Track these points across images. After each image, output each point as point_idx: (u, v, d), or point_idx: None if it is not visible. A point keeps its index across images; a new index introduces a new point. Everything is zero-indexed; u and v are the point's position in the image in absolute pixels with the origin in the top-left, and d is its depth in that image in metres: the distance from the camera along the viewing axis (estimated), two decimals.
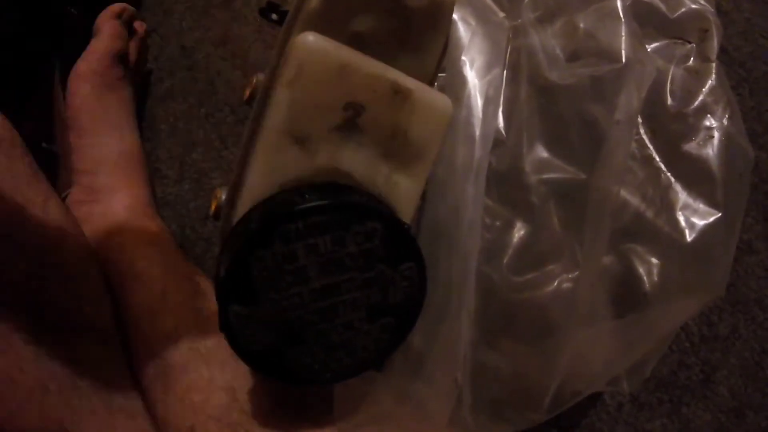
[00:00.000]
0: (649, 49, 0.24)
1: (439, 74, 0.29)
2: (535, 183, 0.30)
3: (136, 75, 0.43)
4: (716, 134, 0.23)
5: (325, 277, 0.21)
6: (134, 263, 0.38)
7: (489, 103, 0.27)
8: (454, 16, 0.26)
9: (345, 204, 0.21)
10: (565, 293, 0.29)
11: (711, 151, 0.23)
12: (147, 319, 0.36)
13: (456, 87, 0.28)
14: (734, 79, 0.45)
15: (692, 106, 0.24)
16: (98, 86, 0.41)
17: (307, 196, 0.21)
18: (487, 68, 0.27)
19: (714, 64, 0.24)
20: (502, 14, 0.27)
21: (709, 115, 0.24)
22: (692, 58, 0.25)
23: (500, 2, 0.28)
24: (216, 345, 0.33)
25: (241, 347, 0.22)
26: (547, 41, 0.25)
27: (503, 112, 0.28)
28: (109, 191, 0.41)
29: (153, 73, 0.46)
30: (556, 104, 0.27)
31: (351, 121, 0.21)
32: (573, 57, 0.25)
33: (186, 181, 0.43)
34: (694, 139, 0.23)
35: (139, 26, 0.44)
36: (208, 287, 0.38)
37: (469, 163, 0.25)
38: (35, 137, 0.40)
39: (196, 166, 0.43)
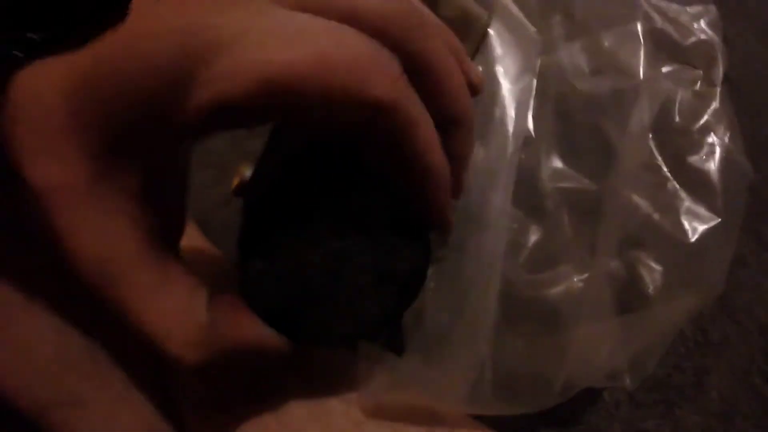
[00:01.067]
0: (664, 73, 0.28)
1: None
2: (550, 190, 0.33)
3: None
4: (718, 150, 0.27)
5: (337, 239, 0.23)
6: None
7: (520, 106, 0.31)
8: (490, 30, 0.29)
9: (359, 173, 0.23)
10: (575, 292, 0.32)
11: (713, 164, 0.27)
12: None
13: (492, 89, 0.31)
14: (736, 104, 0.50)
15: (697, 125, 0.28)
16: None
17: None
18: (519, 75, 0.31)
19: (718, 89, 0.28)
20: (533, 29, 0.31)
21: (712, 133, 0.28)
22: (699, 83, 0.29)
23: (533, 19, 0.32)
24: None
25: (258, 304, 0.23)
26: (574, 56, 0.29)
27: (533, 116, 0.32)
28: None
29: None
30: (574, 115, 0.31)
31: None
32: (596, 72, 0.29)
33: (209, 169, 0.46)
34: (698, 154, 0.27)
35: None
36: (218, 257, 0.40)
37: (504, 155, 0.28)
38: None
39: (218, 154, 0.46)
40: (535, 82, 0.31)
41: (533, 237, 0.34)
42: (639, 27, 0.27)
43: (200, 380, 0.34)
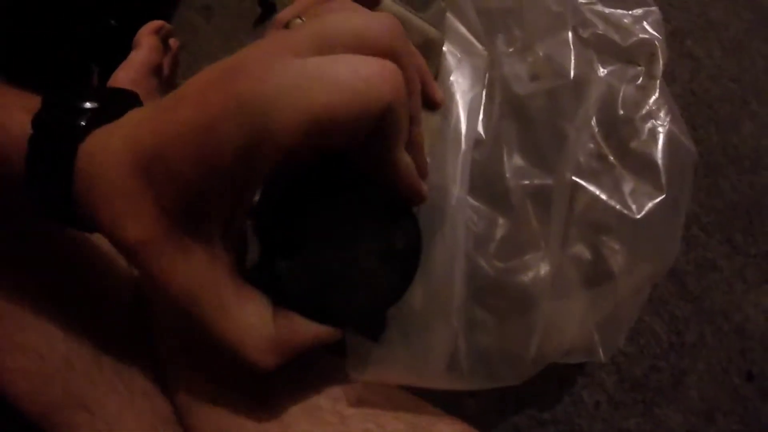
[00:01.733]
0: (605, 72, 0.32)
1: None
2: (513, 187, 0.36)
3: (168, 87, 0.50)
4: (660, 134, 0.30)
5: (343, 232, 0.27)
6: None
7: (471, 113, 0.34)
8: (444, 48, 0.33)
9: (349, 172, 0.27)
10: (543, 277, 0.35)
11: (655, 147, 0.30)
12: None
13: (447, 100, 0.35)
14: (702, 118, 0.53)
15: (639, 114, 0.31)
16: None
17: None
18: (470, 88, 0.35)
19: (659, 81, 0.32)
20: (481, 47, 0.35)
21: (653, 120, 0.31)
22: (641, 78, 0.32)
23: (480, 38, 0.36)
24: None
25: (290, 297, 0.28)
26: (515, 66, 0.33)
27: (482, 120, 0.35)
28: None
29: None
30: (525, 116, 0.35)
31: None
32: (534, 77, 0.33)
33: None
34: (641, 139, 0.30)
35: (173, 43, 0.51)
36: None
37: (458, 154, 0.32)
38: None
39: None
40: (484, 92, 0.34)
41: (501, 230, 0.37)
42: (569, 34, 0.31)
43: (201, 380, 0.36)
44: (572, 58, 0.30)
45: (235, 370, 0.34)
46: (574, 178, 0.32)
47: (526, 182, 0.36)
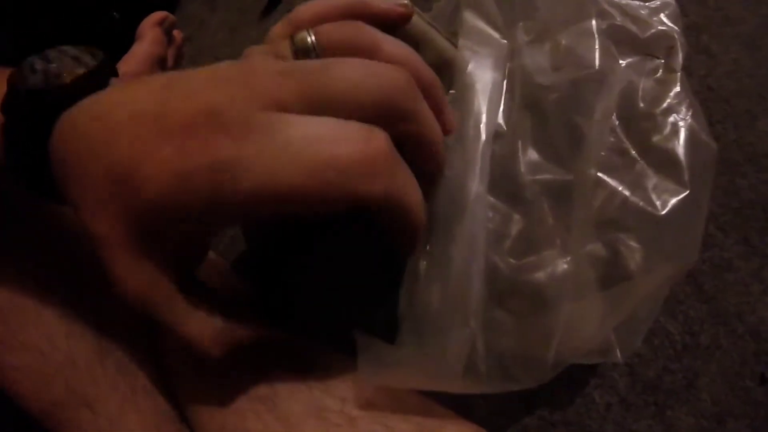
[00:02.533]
0: (624, 64, 0.32)
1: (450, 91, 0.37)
2: (529, 182, 0.36)
3: None
4: (681, 129, 0.30)
5: (341, 245, 0.30)
6: None
7: (492, 104, 0.34)
8: (461, 42, 0.33)
9: None
10: (559, 274, 0.35)
11: (677, 142, 0.30)
12: None
13: (466, 93, 0.35)
14: (719, 114, 0.53)
15: (660, 108, 0.31)
16: None
17: None
18: (490, 79, 0.35)
19: (679, 74, 0.31)
20: (500, 36, 0.35)
21: (674, 114, 0.30)
22: (660, 71, 0.32)
23: (499, 29, 0.36)
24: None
25: (302, 300, 0.31)
26: (536, 57, 0.32)
27: (503, 112, 0.35)
28: None
29: None
30: (546, 110, 0.34)
31: None
32: (556, 68, 0.32)
33: None
34: (663, 134, 0.30)
35: (177, 35, 0.51)
36: (232, 275, 0.43)
37: (477, 147, 0.32)
38: None
39: None
40: (505, 83, 0.34)
41: (516, 226, 0.37)
42: (594, 24, 0.31)
43: (206, 380, 0.36)
44: (596, 47, 0.30)
45: (240, 370, 0.34)
46: (597, 173, 0.32)
47: (543, 177, 0.36)
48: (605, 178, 0.31)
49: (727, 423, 0.44)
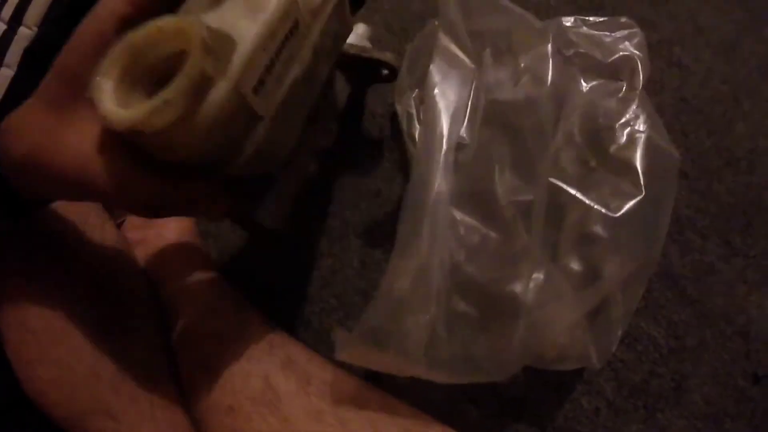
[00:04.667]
0: (587, 86, 0.36)
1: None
2: (505, 204, 0.40)
3: None
4: (638, 139, 0.34)
5: None
6: (185, 279, 0.49)
7: (455, 117, 0.38)
8: (432, 66, 0.37)
9: None
10: (532, 288, 0.38)
11: (635, 151, 0.33)
12: (197, 323, 0.45)
13: (432, 110, 0.39)
14: (694, 124, 0.56)
15: (620, 122, 0.34)
16: None
17: None
18: (456, 97, 0.38)
19: (638, 91, 0.35)
20: (469, 61, 0.39)
21: (631, 127, 0.34)
22: (623, 90, 0.36)
23: (469, 54, 0.40)
24: (254, 344, 0.42)
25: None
26: (499, 75, 0.36)
27: (466, 126, 0.39)
28: (162, 220, 0.51)
29: None
30: (508, 123, 0.38)
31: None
32: (515, 84, 0.36)
33: None
34: (621, 144, 0.34)
35: None
36: (244, 301, 0.48)
37: (440, 155, 0.35)
38: None
39: None
40: (470, 99, 0.38)
41: (494, 243, 0.40)
42: (549, 47, 0.35)
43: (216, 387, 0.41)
44: (550, 68, 0.34)
45: (249, 381, 0.39)
46: (552, 180, 0.35)
47: (514, 195, 0.39)
48: (564, 185, 0.35)
49: (725, 423, 0.46)
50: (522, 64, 0.36)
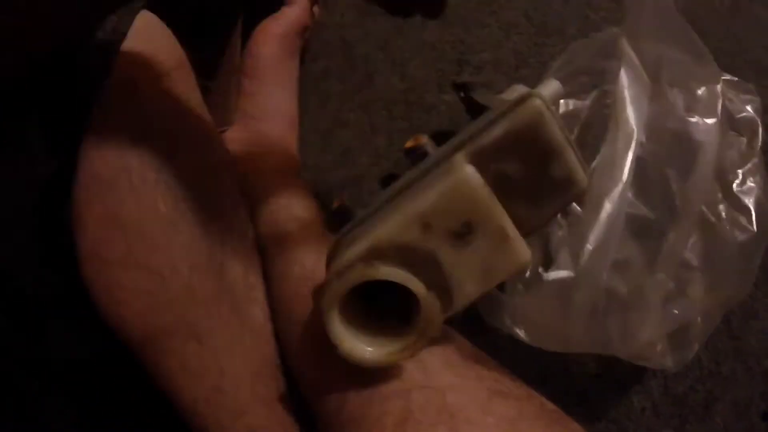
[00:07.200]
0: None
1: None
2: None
3: (302, 53, 0.56)
4: (755, 186, 0.44)
5: None
6: (277, 187, 0.47)
7: (638, 121, 0.45)
8: (622, 72, 0.45)
9: None
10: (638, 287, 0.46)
11: (751, 196, 0.43)
12: (288, 230, 0.44)
13: (621, 109, 0.45)
14: None
15: (742, 170, 0.44)
16: (282, 48, 0.52)
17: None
18: (636, 106, 0.46)
19: (757, 151, 0.45)
20: (646, 77, 0.45)
21: (751, 177, 0.44)
22: (744, 146, 0.46)
23: (646, 68, 0.45)
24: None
25: None
26: (672, 99, 0.44)
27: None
28: (268, 138, 0.51)
29: (308, 52, 0.59)
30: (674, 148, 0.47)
31: (461, 234, 0.33)
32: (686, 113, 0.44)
33: (329, 154, 0.59)
34: (741, 187, 0.44)
35: (316, 11, 0.56)
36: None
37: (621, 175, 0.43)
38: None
39: (342, 142, 0.58)
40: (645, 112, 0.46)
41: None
42: (719, 89, 0.44)
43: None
44: (719, 105, 0.43)
45: None
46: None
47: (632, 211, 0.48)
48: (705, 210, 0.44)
49: None
50: (695, 95, 0.43)
